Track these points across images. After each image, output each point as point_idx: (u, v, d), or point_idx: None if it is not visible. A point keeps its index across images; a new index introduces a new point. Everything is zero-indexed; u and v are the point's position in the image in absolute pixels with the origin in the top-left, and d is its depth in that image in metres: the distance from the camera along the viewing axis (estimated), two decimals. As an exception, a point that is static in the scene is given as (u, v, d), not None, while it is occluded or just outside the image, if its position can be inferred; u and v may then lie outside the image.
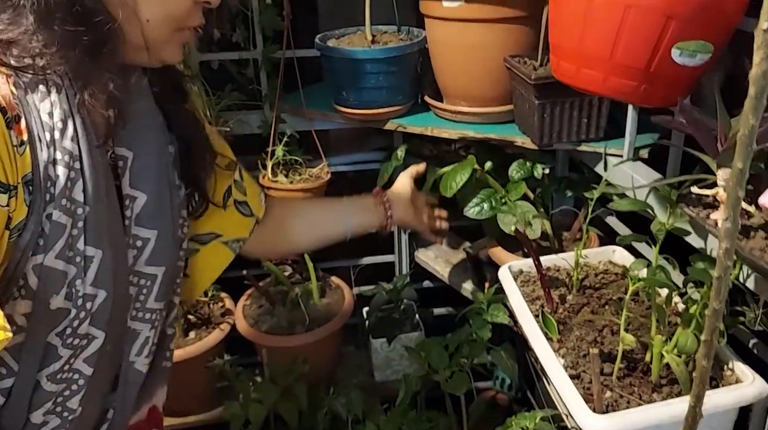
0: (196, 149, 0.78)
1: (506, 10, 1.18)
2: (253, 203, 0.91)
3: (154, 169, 0.70)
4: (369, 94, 1.33)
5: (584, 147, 1.17)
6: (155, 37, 0.65)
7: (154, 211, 0.70)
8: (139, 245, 0.69)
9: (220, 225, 0.87)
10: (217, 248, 0.87)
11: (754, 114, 0.48)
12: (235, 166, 0.88)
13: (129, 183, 0.68)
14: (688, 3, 0.70)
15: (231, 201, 0.87)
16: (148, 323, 0.72)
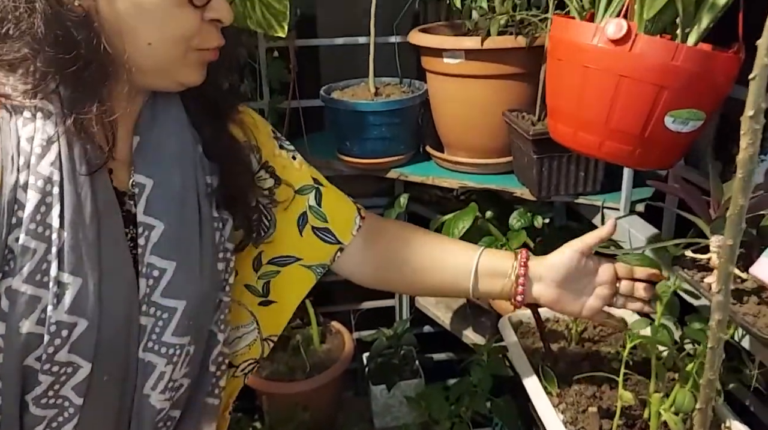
0: (233, 179, 0.74)
1: (505, 68, 1.22)
2: (337, 229, 0.85)
3: (176, 199, 0.68)
4: (372, 144, 1.37)
5: (582, 200, 1.19)
6: (164, 60, 0.64)
7: (174, 242, 0.68)
8: (156, 274, 0.67)
9: (298, 250, 0.84)
10: (299, 270, 0.84)
11: (742, 195, 0.50)
12: (311, 191, 0.84)
13: (144, 210, 0.67)
14: (680, 74, 0.74)
15: (308, 228, 0.84)
16: (164, 357, 0.68)
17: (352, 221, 0.87)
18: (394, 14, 1.44)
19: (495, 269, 0.83)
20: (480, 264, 0.82)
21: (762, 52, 0.48)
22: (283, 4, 1.09)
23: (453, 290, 0.85)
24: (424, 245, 0.87)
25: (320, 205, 0.85)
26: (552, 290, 0.81)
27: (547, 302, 0.83)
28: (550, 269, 0.81)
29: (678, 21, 0.76)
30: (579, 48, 0.80)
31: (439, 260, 0.85)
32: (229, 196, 0.74)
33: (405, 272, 0.86)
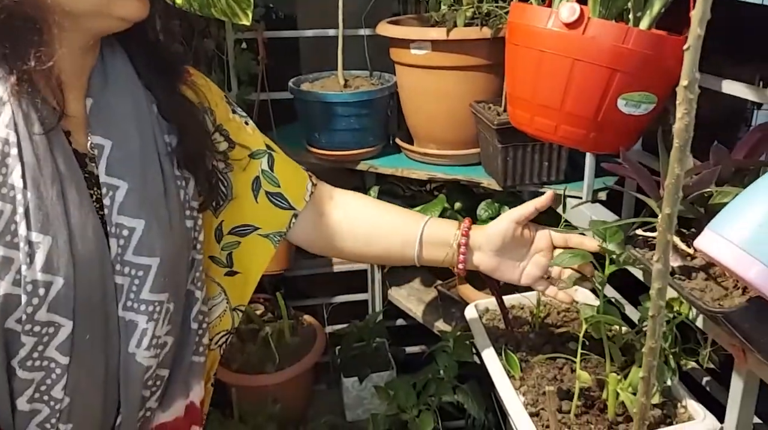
0: (190, 139, 0.74)
1: (470, 59, 1.24)
2: (290, 194, 0.85)
3: (137, 158, 0.68)
4: (341, 136, 1.37)
5: (546, 189, 1.21)
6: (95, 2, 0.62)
7: (140, 201, 0.68)
8: (125, 234, 0.67)
9: (255, 218, 0.84)
10: (257, 240, 0.85)
11: (678, 164, 0.51)
12: (263, 155, 0.84)
13: (105, 171, 0.67)
14: (631, 57, 0.75)
15: (262, 193, 0.84)
16: (144, 314, 0.69)
17: (305, 187, 0.87)
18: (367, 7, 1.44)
19: (438, 238, 0.85)
20: (424, 233, 0.85)
21: (695, 24, 0.50)
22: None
23: (399, 258, 0.88)
24: (373, 213, 0.89)
25: (273, 169, 0.85)
26: (491, 258, 0.85)
27: (486, 269, 0.86)
28: (489, 238, 0.85)
29: (630, 5, 0.78)
30: (534, 32, 0.81)
31: (387, 228, 0.88)
32: (188, 156, 0.74)
33: (355, 240, 0.88)
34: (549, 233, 0.86)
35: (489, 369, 0.97)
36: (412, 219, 0.88)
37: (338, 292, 1.75)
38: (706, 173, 0.66)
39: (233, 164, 0.82)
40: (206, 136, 0.78)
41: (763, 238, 0.55)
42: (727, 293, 0.66)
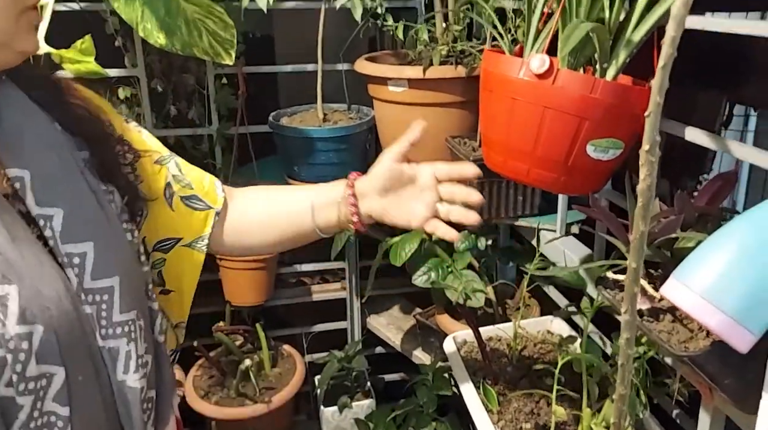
0: (101, 149, 0.71)
1: (446, 96, 1.27)
2: (205, 194, 0.83)
3: (62, 180, 0.65)
4: (320, 170, 1.39)
5: (521, 222, 1.24)
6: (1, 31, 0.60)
7: (80, 223, 0.65)
8: (77, 261, 0.64)
9: (175, 228, 0.81)
10: (181, 252, 0.81)
11: (643, 222, 0.54)
12: (169, 160, 0.81)
13: (35, 203, 0.63)
14: (598, 107, 0.79)
15: (177, 199, 0.81)
16: (122, 337, 0.66)
17: (214, 184, 0.85)
18: (344, 43, 1.48)
19: (328, 199, 0.84)
20: (315, 199, 0.85)
21: (655, 91, 0.53)
22: (229, 33, 1.11)
23: (301, 233, 0.86)
24: (267, 200, 0.88)
25: (182, 172, 0.82)
26: (377, 201, 0.84)
27: (376, 214, 0.84)
28: (371, 180, 0.84)
29: (596, 56, 0.82)
30: (507, 81, 0.84)
31: (284, 209, 0.86)
32: (105, 167, 0.71)
33: (261, 231, 0.87)
34: (432, 170, 0.85)
35: (467, 403, 0.99)
36: (304, 193, 0.87)
37: (317, 320, 1.76)
38: (671, 221, 0.69)
39: (141, 175, 0.77)
40: (115, 142, 0.74)
41: (724, 287, 0.59)
42: (692, 336, 0.69)
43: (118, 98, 1.41)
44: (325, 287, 1.73)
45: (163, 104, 1.46)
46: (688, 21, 0.73)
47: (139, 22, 1.06)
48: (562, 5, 0.83)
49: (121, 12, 1.05)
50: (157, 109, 1.46)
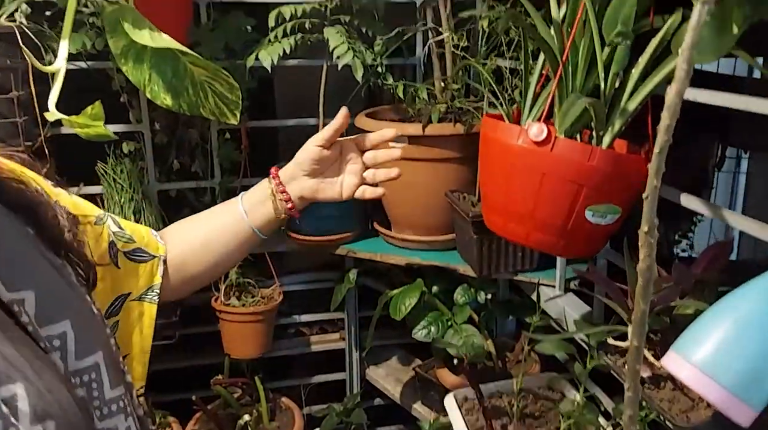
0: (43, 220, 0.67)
1: (445, 152, 1.30)
2: (146, 245, 0.82)
3: (23, 261, 0.62)
4: (321, 223, 1.41)
5: (521, 277, 1.25)
6: None
7: (53, 302, 0.62)
8: (58, 344, 0.61)
9: (122, 285, 0.79)
10: (132, 307, 0.80)
11: (643, 300, 0.56)
12: (106, 219, 0.80)
13: (5, 288, 0.59)
14: (596, 174, 0.81)
15: (121, 255, 0.79)
16: (119, 413, 0.63)
17: (150, 233, 0.85)
18: (346, 97, 1.51)
19: (257, 197, 0.89)
20: (244, 203, 0.88)
21: (652, 175, 0.55)
22: (235, 95, 1.14)
23: (241, 241, 0.88)
24: (197, 226, 0.89)
25: (121, 228, 0.81)
26: (307, 182, 0.89)
27: (308, 194, 0.90)
28: (297, 166, 0.89)
29: (593, 125, 0.84)
30: (506, 147, 0.87)
31: (217, 228, 0.88)
32: (53, 242, 0.67)
33: (204, 254, 0.87)
34: (353, 141, 0.93)
35: (469, 465, 0.98)
36: (229, 206, 0.90)
37: (316, 372, 1.75)
38: (670, 291, 0.70)
39: (83, 240, 0.74)
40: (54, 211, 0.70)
41: (723, 361, 0.60)
42: (693, 405, 0.69)
43: (121, 152, 1.43)
44: (323, 337, 1.73)
45: (166, 158, 1.49)
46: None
47: (146, 84, 1.09)
48: (559, 75, 0.86)
49: (130, 75, 1.08)
50: (160, 163, 1.49)
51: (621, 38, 0.58)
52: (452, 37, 1.28)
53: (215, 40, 1.36)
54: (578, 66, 0.87)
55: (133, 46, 1.05)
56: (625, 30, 0.57)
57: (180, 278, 0.86)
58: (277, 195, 0.88)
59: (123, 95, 1.41)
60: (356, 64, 1.26)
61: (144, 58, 1.08)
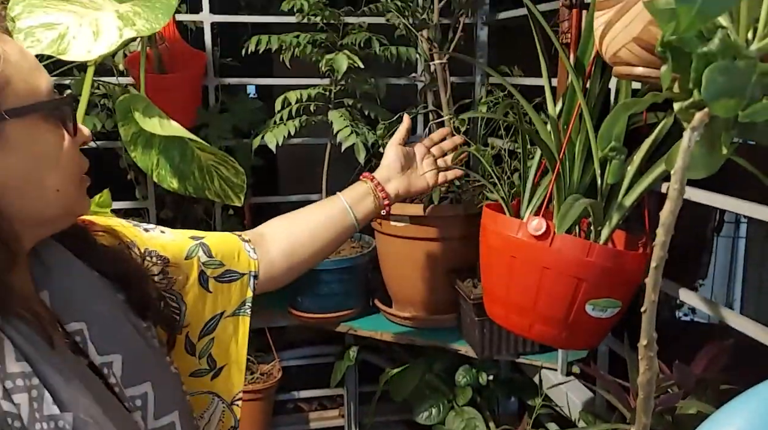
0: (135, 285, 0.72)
1: (446, 232, 1.32)
2: (236, 265, 0.86)
3: (114, 327, 0.67)
4: (323, 300, 1.41)
5: (522, 359, 1.24)
6: (69, 198, 0.63)
7: (137, 365, 0.67)
8: (140, 403, 0.66)
9: (216, 306, 0.83)
10: (227, 323, 0.84)
11: (645, 414, 0.56)
12: (197, 250, 0.83)
13: (97, 352, 0.65)
14: (594, 269, 0.82)
15: (212, 281, 0.83)
16: None
17: (243, 249, 0.88)
18: (348, 174, 1.54)
19: (360, 195, 1.02)
20: (349, 201, 1.00)
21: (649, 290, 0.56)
22: (240, 179, 1.17)
23: (343, 232, 1.00)
24: (302, 220, 0.98)
25: (211, 255, 0.84)
26: (401, 181, 1.07)
27: (403, 191, 1.07)
28: (389, 169, 1.07)
29: (591, 220, 0.86)
30: (506, 239, 0.88)
31: (322, 220, 0.98)
32: (140, 307, 0.72)
33: (307, 248, 0.96)
34: (421, 144, 1.14)
35: None
36: (331, 202, 1.01)
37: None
38: (672, 395, 0.70)
39: (174, 278, 0.79)
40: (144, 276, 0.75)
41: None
42: None
43: (127, 228, 1.45)
44: (322, 414, 1.70)
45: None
46: (665, 186, 0.78)
47: (154, 169, 1.12)
48: (556, 171, 0.88)
49: (138, 161, 1.11)
50: (164, 238, 1.50)
51: (615, 153, 0.60)
52: (452, 120, 1.32)
53: (223, 121, 1.41)
54: (575, 161, 0.89)
55: (142, 133, 1.08)
56: (618, 146, 0.60)
57: (288, 264, 0.94)
58: (377, 193, 1.03)
59: (130, 173, 1.45)
60: (359, 146, 1.30)
61: (153, 144, 1.11)
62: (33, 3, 0.96)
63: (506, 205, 0.99)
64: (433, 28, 1.36)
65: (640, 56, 0.62)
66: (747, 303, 2.67)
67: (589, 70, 0.88)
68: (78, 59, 0.94)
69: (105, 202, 0.97)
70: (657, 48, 0.53)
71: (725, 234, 2.63)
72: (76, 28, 0.96)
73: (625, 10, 0.61)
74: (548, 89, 1.01)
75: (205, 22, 1.41)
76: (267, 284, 0.91)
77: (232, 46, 1.51)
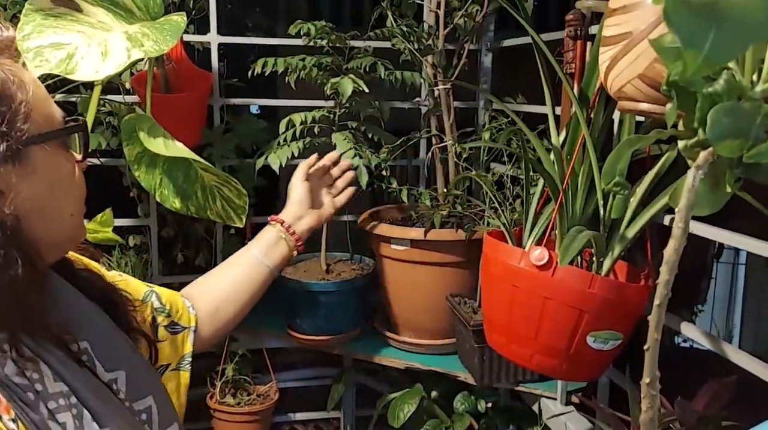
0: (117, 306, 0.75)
1: (447, 256, 1.31)
2: (180, 317, 0.88)
3: (114, 345, 0.70)
4: (322, 322, 1.40)
5: (522, 388, 1.23)
6: (79, 222, 0.66)
7: (139, 380, 0.70)
8: (145, 417, 0.69)
9: (163, 356, 0.84)
10: (170, 377, 0.84)
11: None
12: (150, 295, 0.86)
13: (104, 369, 0.67)
14: (596, 301, 0.82)
15: (161, 329, 0.85)
16: None
17: (184, 304, 0.90)
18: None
19: (270, 243, 1.04)
20: (259, 250, 1.03)
21: (652, 329, 0.56)
22: (242, 200, 1.17)
23: (262, 283, 1.02)
24: (222, 279, 1.00)
25: (162, 303, 0.86)
26: (311, 215, 1.12)
27: (315, 224, 1.12)
28: (300, 206, 1.11)
29: (593, 251, 0.86)
30: (507, 268, 0.88)
31: (240, 278, 1.00)
32: (126, 326, 0.75)
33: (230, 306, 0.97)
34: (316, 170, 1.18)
35: None
36: (243, 256, 1.03)
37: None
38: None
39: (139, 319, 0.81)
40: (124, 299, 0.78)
41: None
42: None
43: (127, 245, 1.45)
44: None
45: (171, 251, 1.50)
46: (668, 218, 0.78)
47: (157, 188, 1.12)
48: (559, 202, 0.88)
49: (142, 180, 1.11)
50: (164, 256, 1.50)
51: (619, 188, 0.61)
52: (455, 147, 1.33)
53: (227, 141, 1.41)
54: (578, 191, 0.90)
55: (146, 152, 1.09)
56: (621, 181, 0.60)
57: (214, 326, 0.95)
58: (287, 237, 1.06)
59: (133, 190, 1.45)
60: (362, 170, 1.30)
61: (157, 163, 1.12)
62: (43, 23, 0.97)
63: (508, 233, 0.99)
64: (438, 54, 1.37)
65: (645, 92, 0.63)
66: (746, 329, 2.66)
67: (593, 101, 0.88)
68: (86, 79, 0.95)
69: (107, 221, 0.97)
70: (662, 87, 0.53)
71: (725, 260, 2.63)
72: (85, 48, 0.97)
73: (631, 46, 0.61)
74: (552, 118, 1.02)
75: (212, 43, 1.43)
76: (198, 343, 0.91)
77: (237, 66, 1.52)
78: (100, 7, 1.07)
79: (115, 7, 1.09)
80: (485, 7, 1.36)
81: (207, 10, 1.42)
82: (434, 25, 1.40)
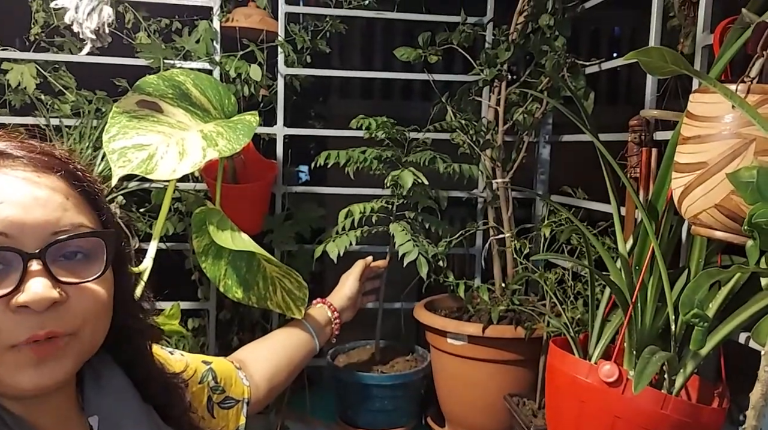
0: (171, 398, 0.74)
1: (505, 354, 1.28)
2: (234, 391, 0.94)
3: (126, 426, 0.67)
4: (374, 416, 1.37)
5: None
6: None
7: None
8: None
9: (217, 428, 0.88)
10: None
11: None
12: (207, 375, 0.89)
13: None
14: (669, 423, 0.78)
15: (216, 406, 0.90)
16: None
17: (237, 376, 0.96)
18: (405, 283, 1.53)
19: (322, 323, 1.20)
20: (311, 327, 1.17)
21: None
22: (302, 292, 1.18)
23: (310, 356, 1.16)
24: (277, 346, 1.12)
25: (217, 381, 0.91)
26: (351, 310, 1.30)
27: (348, 319, 1.29)
28: (348, 301, 1.28)
29: (665, 368, 0.83)
30: (574, 382, 0.85)
31: (295, 345, 1.13)
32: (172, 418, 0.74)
33: (283, 371, 1.08)
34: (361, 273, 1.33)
35: None
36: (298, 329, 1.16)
37: None
38: None
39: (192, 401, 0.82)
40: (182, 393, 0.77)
41: None
42: None
43: (186, 327, 1.47)
44: None
45: (226, 334, 1.52)
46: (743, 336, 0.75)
47: (221, 279, 1.15)
48: (629, 316, 0.86)
49: (207, 271, 1.14)
50: (220, 338, 1.52)
51: (698, 320, 0.59)
52: (514, 242, 1.32)
53: (287, 229, 1.45)
54: (647, 304, 0.87)
55: (213, 244, 1.12)
56: (701, 313, 0.58)
57: (269, 388, 1.04)
58: (333, 324, 1.22)
59: (195, 274, 1.49)
60: (421, 261, 1.30)
61: (222, 254, 1.15)
62: (128, 125, 1.04)
63: (573, 341, 0.97)
64: (497, 149, 1.39)
65: (722, 221, 0.62)
66: None
67: (661, 217, 0.87)
68: (163, 178, 1.00)
69: (174, 315, 1.00)
70: (744, 227, 0.52)
71: None
72: (164, 149, 1.03)
73: (707, 176, 0.61)
74: (617, 219, 1.00)
75: (278, 134, 1.49)
76: (251, 408, 0.97)
77: (299, 153, 1.58)
78: (179, 107, 1.14)
79: (193, 107, 1.16)
80: (544, 105, 1.38)
81: (275, 103, 1.49)
82: (493, 121, 1.43)
